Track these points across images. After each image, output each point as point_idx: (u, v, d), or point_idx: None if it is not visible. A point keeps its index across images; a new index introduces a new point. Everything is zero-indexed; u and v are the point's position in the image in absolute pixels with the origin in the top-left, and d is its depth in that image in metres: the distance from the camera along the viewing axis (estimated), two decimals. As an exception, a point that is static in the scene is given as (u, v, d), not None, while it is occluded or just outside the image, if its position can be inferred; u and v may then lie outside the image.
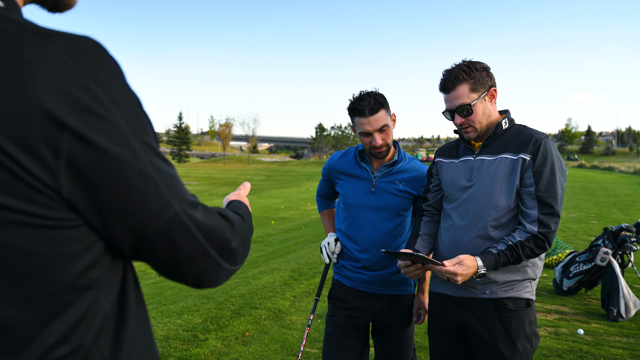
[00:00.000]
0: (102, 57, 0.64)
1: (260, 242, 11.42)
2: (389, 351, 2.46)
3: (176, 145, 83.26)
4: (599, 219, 11.57)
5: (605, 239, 5.22)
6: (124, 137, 0.63)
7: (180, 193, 0.72)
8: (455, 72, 2.01)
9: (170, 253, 0.73)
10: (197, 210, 0.76)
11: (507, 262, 1.92)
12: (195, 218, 0.74)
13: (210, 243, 0.77)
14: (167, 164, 0.72)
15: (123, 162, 0.63)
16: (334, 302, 2.50)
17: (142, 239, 0.70)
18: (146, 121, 0.69)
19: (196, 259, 0.76)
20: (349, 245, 2.45)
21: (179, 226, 0.71)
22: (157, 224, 0.69)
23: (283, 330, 4.49)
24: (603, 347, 4.03)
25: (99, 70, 0.62)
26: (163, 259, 0.74)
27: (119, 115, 0.63)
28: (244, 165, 73.37)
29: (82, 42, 0.62)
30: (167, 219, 0.70)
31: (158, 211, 0.68)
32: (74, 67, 0.59)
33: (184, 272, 0.77)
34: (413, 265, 2.03)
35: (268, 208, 19.79)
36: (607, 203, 15.12)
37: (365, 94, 2.27)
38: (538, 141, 1.97)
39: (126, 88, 0.66)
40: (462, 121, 2.04)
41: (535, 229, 1.91)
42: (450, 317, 2.16)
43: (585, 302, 5.29)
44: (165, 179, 0.70)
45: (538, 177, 1.93)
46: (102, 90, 0.61)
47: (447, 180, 2.18)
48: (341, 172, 2.49)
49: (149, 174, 0.66)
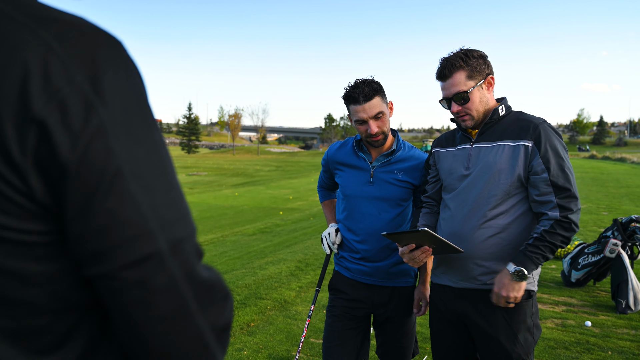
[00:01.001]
0: (106, 50, 0.56)
1: (268, 233, 11.43)
2: (390, 342, 2.44)
3: (185, 135, 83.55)
4: (610, 210, 11.44)
5: (614, 230, 5.15)
6: (105, 143, 0.53)
7: (177, 229, 0.57)
8: (452, 60, 1.98)
9: (139, 306, 0.55)
10: (196, 259, 0.59)
11: (542, 255, 1.88)
12: (190, 267, 0.58)
13: (202, 309, 0.58)
14: (172, 188, 0.58)
15: (92, 172, 0.53)
16: (334, 293, 2.49)
17: (107, 275, 0.55)
18: (150, 132, 0.57)
19: (172, 324, 0.57)
20: (348, 236, 2.43)
21: (157, 270, 0.55)
22: (125, 258, 0.54)
23: (288, 320, 4.49)
24: (611, 339, 3.99)
25: (96, 64, 0.54)
26: (125, 312, 0.56)
27: (108, 116, 0.54)
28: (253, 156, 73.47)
29: (82, 31, 0.55)
30: (141, 255, 0.54)
31: (128, 241, 0.54)
32: (62, 56, 0.53)
33: (146, 338, 0.57)
34: (418, 248, 2.00)
35: (276, 198, 19.81)
36: (618, 194, 14.94)
37: (360, 82, 2.24)
38: (537, 127, 1.94)
39: (130, 90, 0.57)
40: (459, 109, 2.02)
41: (557, 214, 1.87)
42: (451, 308, 2.14)
43: (593, 294, 5.24)
44: (157, 204, 0.56)
45: (547, 164, 1.90)
46: (91, 85, 0.53)
47: (445, 169, 2.15)
48: (339, 163, 2.46)
49: (128, 191, 0.54)
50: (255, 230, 11.95)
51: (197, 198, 20.90)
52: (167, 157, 0.60)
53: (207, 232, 12.07)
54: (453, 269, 2.10)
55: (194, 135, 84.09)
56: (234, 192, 23.19)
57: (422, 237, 1.90)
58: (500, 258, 1.98)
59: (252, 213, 15.72)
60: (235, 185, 28.94)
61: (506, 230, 1.98)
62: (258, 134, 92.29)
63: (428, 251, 2.00)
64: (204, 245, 10.30)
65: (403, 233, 1.92)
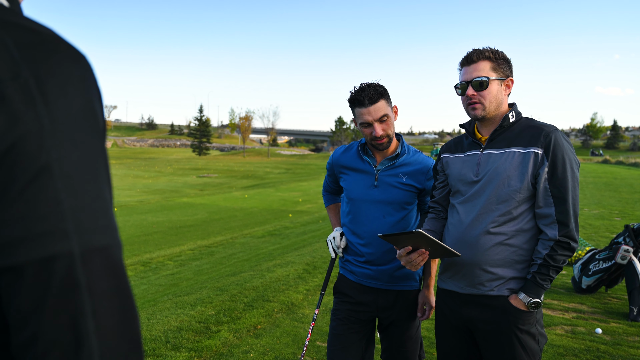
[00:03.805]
0: (61, 57, 0.57)
1: (277, 235, 11.45)
2: (395, 347, 2.43)
3: (197, 137, 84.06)
4: (623, 215, 11.29)
5: (626, 236, 5.09)
6: (40, 137, 0.53)
7: (94, 237, 0.55)
8: (482, 50, 2.03)
9: (32, 307, 0.52)
10: (108, 272, 0.56)
11: (550, 278, 1.91)
12: (96, 279, 0.54)
13: (96, 328, 0.54)
14: (99, 197, 0.57)
15: (19, 161, 0.52)
16: (339, 296, 2.49)
17: (10, 268, 0.52)
18: (89, 140, 0.57)
19: (60, 339, 0.52)
20: (352, 240, 2.43)
21: (65, 274, 0.52)
22: (34, 253, 0.52)
23: (295, 323, 4.49)
24: (622, 347, 3.93)
25: (47, 68, 0.55)
26: (18, 309, 0.52)
27: (48, 114, 0.54)
28: (264, 158, 73.69)
29: (42, 38, 0.57)
30: (50, 253, 0.52)
31: (41, 236, 0.52)
32: (15, 54, 0.54)
33: (29, 349, 0.52)
34: (414, 251, 1.99)
35: (286, 201, 19.84)
36: (632, 200, 14.76)
37: (365, 85, 2.26)
38: (548, 135, 1.92)
39: (78, 98, 0.57)
40: (474, 94, 2.01)
41: (555, 233, 1.88)
42: (457, 314, 2.12)
43: (604, 301, 5.17)
44: (79, 208, 0.54)
45: (552, 174, 1.89)
46: (36, 84, 0.54)
47: (454, 175, 2.14)
48: (344, 167, 2.47)
49: (53, 187, 0.53)
50: (264, 232, 11.98)
51: (207, 200, 21.00)
52: (103, 168, 0.59)
53: (216, 234, 12.11)
54: (459, 274, 2.08)
55: (205, 137, 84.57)
56: (244, 194, 23.26)
57: (416, 238, 1.89)
58: (508, 265, 1.96)
59: (262, 215, 15.75)
60: (245, 187, 29.02)
61: (514, 237, 1.96)
62: (268, 137, 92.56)
63: (425, 254, 1.99)
64: (213, 247, 10.34)
65: (398, 235, 1.92)
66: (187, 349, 3.83)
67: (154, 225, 13.86)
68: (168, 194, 25.46)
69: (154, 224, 14.10)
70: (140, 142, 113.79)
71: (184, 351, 3.78)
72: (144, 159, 65.58)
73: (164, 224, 14.07)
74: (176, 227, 13.47)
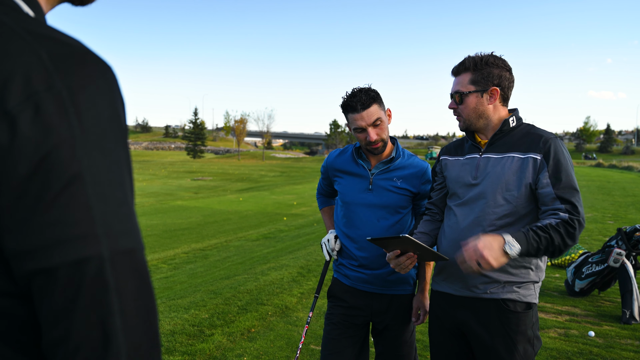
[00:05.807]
0: (91, 69, 0.60)
1: (271, 238, 11.43)
2: (389, 351, 2.42)
3: (191, 140, 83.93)
4: (615, 219, 11.35)
5: (618, 239, 5.11)
6: (72, 147, 0.56)
7: (122, 241, 0.58)
8: (465, 61, 2.05)
9: (65, 306, 0.55)
10: (136, 274, 0.60)
11: (538, 246, 1.79)
12: (125, 280, 0.58)
13: (124, 326, 0.57)
14: (124, 204, 0.60)
15: (53, 170, 0.55)
16: (333, 300, 2.48)
17: (43, 271, 0.55)
18: (116, 150, 0.61)
19: (90, 331, 0.55)
20: (347, 243, 2.43)
21: (95, 276, 0.56)
22: (66, 256, 0.55)
23: (289, 327, 4.48)
24: (614, 349, 3.95)
25: (78, 80, 0.58)
26: (51, 308, 0.56)
27: (79, 124, 0.57)
28: (258, 161, 73.58)
29: (72, 50, 0.60)
30: (83, 256, 0.55)
31: (73, 240, 0.55)
32: (49, 65, 0.57)
33: (60, 346, 0.55)
34: (403, 255, 2.00)
35: (280, 204, 19.81)
36: (625, 203, 14.83)
37: (357, 90, 2.27)
38: (548, 141, 1.94)
39: (106, 108, 0.60)
40: (454, 107, 2.09)
41: (566, 216, 1.83)
42: (451, 316, 2.12)
43: (597, 304, 5.19)
44: (108, 213, 0.58)
45: (555, 179, 1.88)
46: (69, 95, 0.57)
47: (452, 177, 2.15)
48: (338, 170, 2.47)
49: (84, 194, 0.56)
50: (258, 235, 11.95)
51: (201, 203, 20.94)
52: (128, 176, 0.63)
53: (210, 237, 12.08)
54: (454, 276, 2.08)
55: (200, 140, 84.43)
56: (239, 198, 23.22)
57: (403, 242, 1.91)
58: (503, 268, 1.96)
59: (256, 218, 15.73)
60: (240, 190, 28.98)
61: None
62: (263, 140, 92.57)
63: (413, 257, 2.00)
64: (208, 251, 10.31)
65: (386, 239, 1.95)
66: (180, 352, 3.81)
67: (148, 228, 13.80)
68: (162, 196, 25.37)
69: (148, 227, 14.04)
70: (135, 144, 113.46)
71: (177, 355, 3.76)
72: (138, 162, 65.30)
73: (158, 227, 14.03)
74: (170, 230, 13.43)
